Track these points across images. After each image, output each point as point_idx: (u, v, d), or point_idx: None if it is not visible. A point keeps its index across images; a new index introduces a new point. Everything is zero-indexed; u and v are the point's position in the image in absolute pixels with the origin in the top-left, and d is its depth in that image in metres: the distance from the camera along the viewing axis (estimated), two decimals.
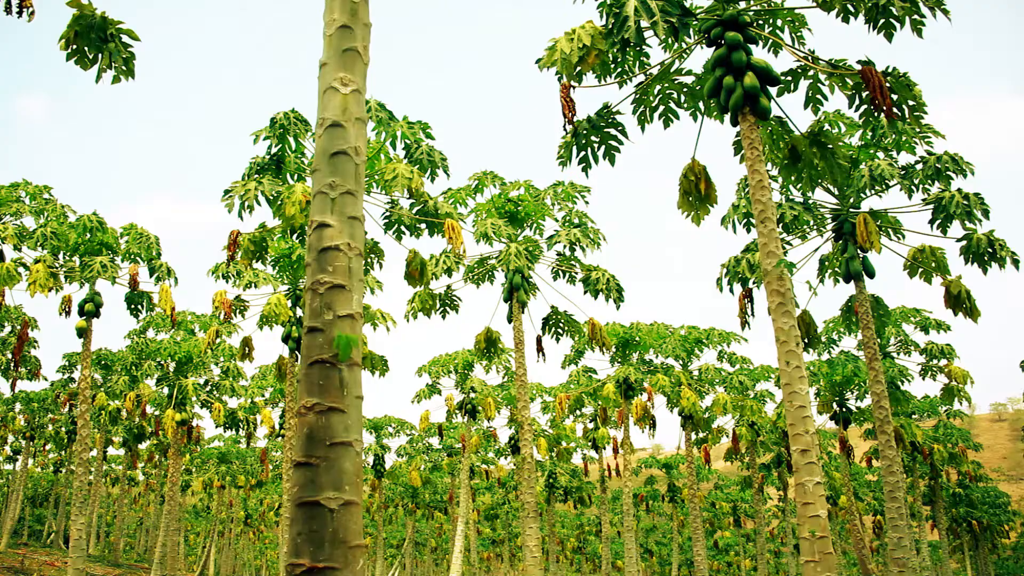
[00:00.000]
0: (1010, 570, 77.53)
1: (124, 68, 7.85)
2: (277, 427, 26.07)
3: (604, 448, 31.16)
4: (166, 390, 25.17)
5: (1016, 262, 12.98)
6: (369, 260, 15.79)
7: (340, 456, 3.43)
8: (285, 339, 17.50)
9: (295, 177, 14.61)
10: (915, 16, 8.81)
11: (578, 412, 28.30)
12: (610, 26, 8.93)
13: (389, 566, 57.70)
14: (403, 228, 14.81)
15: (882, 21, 8.91)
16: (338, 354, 3.53)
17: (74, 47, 7.58)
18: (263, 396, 28.54)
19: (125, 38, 7.77)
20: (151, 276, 18.37)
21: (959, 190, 13.31)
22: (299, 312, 17.44)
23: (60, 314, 17.51)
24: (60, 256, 17.70)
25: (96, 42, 7.62)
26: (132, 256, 18.30)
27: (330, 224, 3.70)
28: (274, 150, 14.35)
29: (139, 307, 18.61)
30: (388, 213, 14.71)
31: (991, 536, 45.80)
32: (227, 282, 17.38)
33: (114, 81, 7.92)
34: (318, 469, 3.38)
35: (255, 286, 17.49)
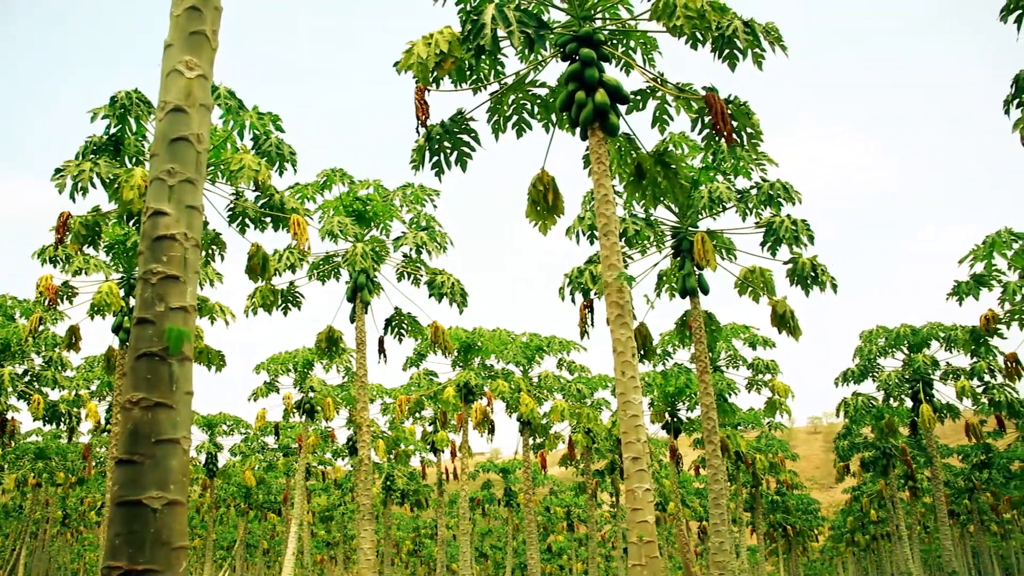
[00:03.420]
0: (817, 571, 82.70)
1: None
2: (103, 422, 24.77)
3: (443, 451, 31.21)
4: None
5: (835, 286, 13.89)
6: (210, 252, 15.28)
7: (166, 454, 3.32)
8: (116, 330, 16.67)
9: (134, 161, 13.95)
10: (756, 49, 9.28)
11: (418, 415, 28.21)
12: (467, 32, 9.00)
13: (218, 568, 55.79)
14: (247, 221, 14.41)
15: (727, 51, 9.33)
16: (169, 347, 3.40)
17: None
18: (89, 389, 27.02)
19: None
20: None
21: (788, 216, 14.11)
22: (132, 302, 16.64)
23: None
24: None
25: None
26: None
27: (166, 212, 3.57)
28: (113, 130, 13.64)
29: None
30: (232, 204, 14.27)
31: (803, 540, 48.74)
32: (54, 267, 16.40)
33: None
34: (142, 467, 3.25)
35: (86, 272, 16.58)
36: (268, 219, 14.33)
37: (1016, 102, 10.17)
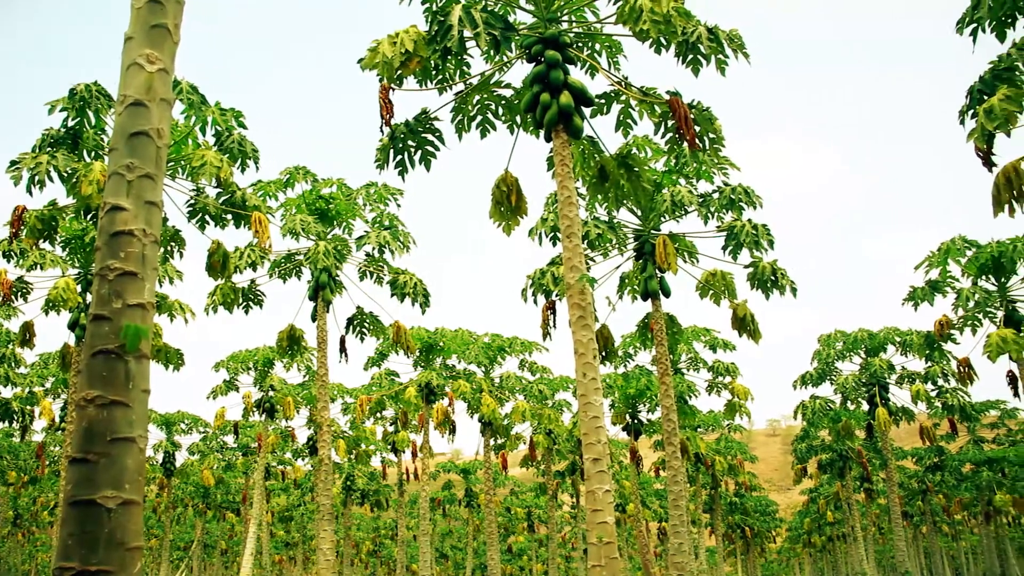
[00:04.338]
0: (774, 572, 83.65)
1: None
2: (58, 420, 24.36)
3: (403, 452, 31.07)
4: None
5: (794, 290, 14.05)
6: (169, 248, 15.09)
7: (121, 453, 3.27)
8: (72, 326, 16.41)
9: (93, 155, 13.72)
10: (720, 56, 9.36)
11: (379, 415, 28.09)
12: (433, 32, 8.99)
13: (175, 569, 55.08)
14: (208, 218, 14.25)
15: (690, 57, 9.40)
16: (125, 345, 3.36)
17: None
18: (44, 386, 26.57)
19: None
20: None
21: (749, 220, 14.24)
22: (89, 298, 16.38)
23: None
24: None
25: None
26: None
27: (125, 208, 3.52)
28: (71, 123, 13.41)
29: None
30: (193, 201, 14.11)
31: (761, 541, 49.25)
32: (8, 261, 16.11)
33: None
34: (96, 466, 3.21)
35: (41, 268, 16.31)
36: (229, 216, 14.18)
37: (971, 112, 10.36)
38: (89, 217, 15.27)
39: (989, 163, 9.54)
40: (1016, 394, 17.80)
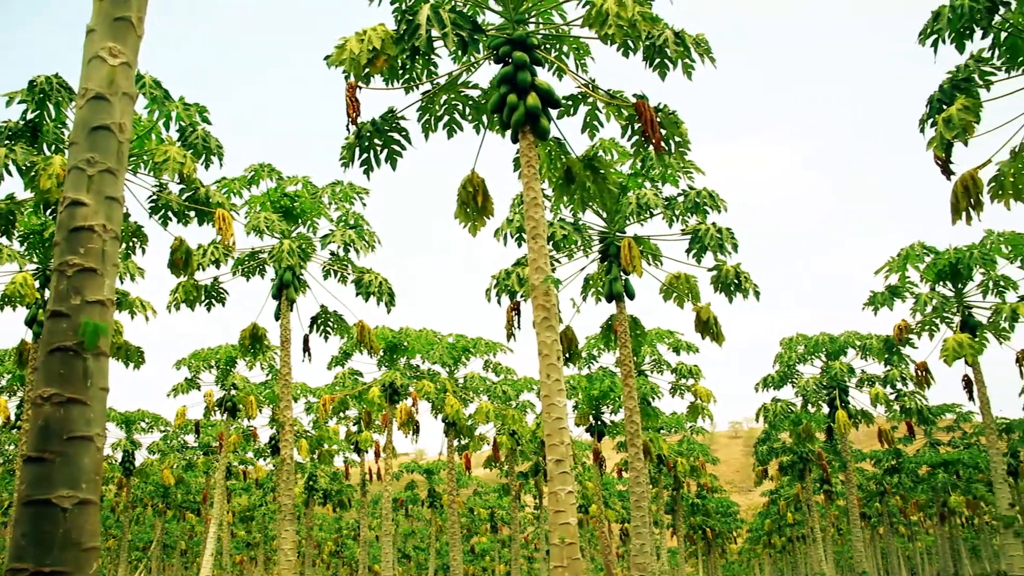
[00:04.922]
0: (735, 572, 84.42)
1: None
2: (13, 418, 23.95)
3: (367, 452, 30.95)
4: None
5: (757, 293, 14.17)
6: (131, 245, 14.90)
7: (78, 451, 3.22)
8: (29, 322, 16.14)
9: (53, 148, 13.51)
10: (686, 60, 9.43)
11: (342, 414, 27.94)
12: (402, 32, 8.97)
13: (133, 570, 54.37)
14: (170, 214, 14.08)
15: (657, 60, 9.46)
16: (84, 342, 3.31)
17: None
18: None
19: None
20: None
21: (714, 224, 14.35)
22: (48, 294, 16.11)
23: None
24: None
25: None
26: None
27: (85, 203, 3.47)
28: (30, 116, 13.19)
29: None
30: (155, 197, 13.95)
31: (722, 542, 49.70)
32: None
33: None
34: (52, 465, 3.16)
35: None
36: (192, 213, 14.03)
37: (931, 121, 10.54)
38: (48, 212, 15.03)
39: (947, 171, 9.73)
40: (971, 397, 18.15)
